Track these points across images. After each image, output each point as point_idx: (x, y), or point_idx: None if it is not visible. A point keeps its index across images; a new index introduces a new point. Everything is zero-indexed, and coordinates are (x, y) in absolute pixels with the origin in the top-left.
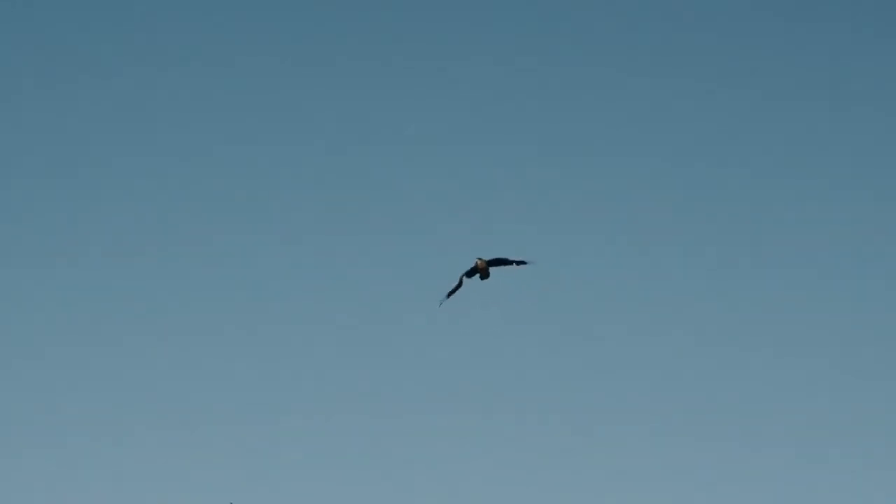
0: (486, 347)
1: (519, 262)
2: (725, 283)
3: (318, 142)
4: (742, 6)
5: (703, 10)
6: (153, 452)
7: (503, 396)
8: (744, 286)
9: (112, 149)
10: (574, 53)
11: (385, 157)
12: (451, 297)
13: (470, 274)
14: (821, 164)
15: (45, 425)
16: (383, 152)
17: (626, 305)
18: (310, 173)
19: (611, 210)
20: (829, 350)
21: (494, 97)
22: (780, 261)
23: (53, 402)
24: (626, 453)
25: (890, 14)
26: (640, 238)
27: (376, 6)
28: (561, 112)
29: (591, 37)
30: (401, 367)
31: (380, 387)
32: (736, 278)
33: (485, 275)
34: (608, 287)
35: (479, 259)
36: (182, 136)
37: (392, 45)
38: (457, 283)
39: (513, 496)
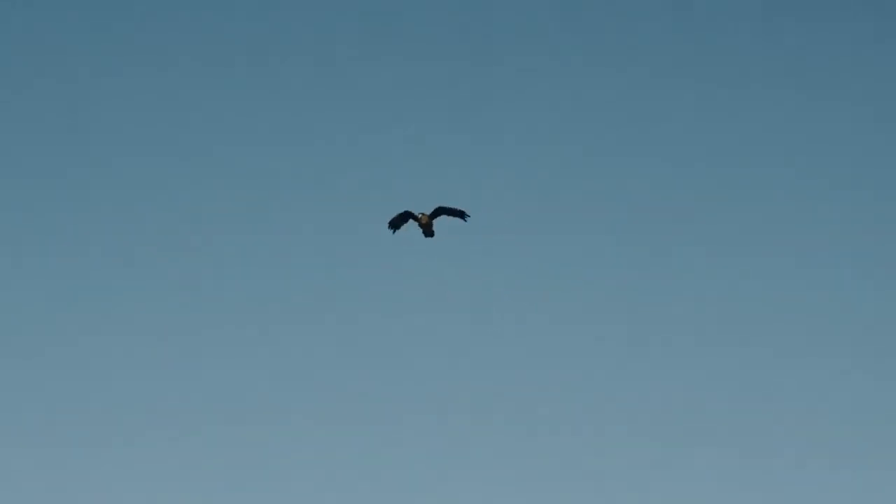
0: (485, 347)
1: (458, 213)
2: (726, 284)
3: (318, 142)
4: (744, 6)
5: (703, 9)
6: (152, 453)
7: (503, 396)
8: (744, 286)
9: (112, 149)
10: (574, 53)
11: (385, 157)
12: (396, 228)
13: (411, 217)
14: (821, 164)
15: (45, 425)
16: (383, 152)
17: (626, 305)
18: (310, 173)
19: (610, 210)
20: (830, 350)
21: (494, 97)
22: (781, 261)
23: (53, 403)
24: (627, 454)
25: (890, 14)
26: (640, 238)
27: (377, 6)
28: (561, 112)
29: (592, 37)
30: (401, 368)
31: (380, 387)
32: (736, 278)
33: (429, 231)
34: (608, 287)
35: (422, 214)
36: (182, 136)
37: (393, 44)
38: (401, 213)
39: (513, 497)
